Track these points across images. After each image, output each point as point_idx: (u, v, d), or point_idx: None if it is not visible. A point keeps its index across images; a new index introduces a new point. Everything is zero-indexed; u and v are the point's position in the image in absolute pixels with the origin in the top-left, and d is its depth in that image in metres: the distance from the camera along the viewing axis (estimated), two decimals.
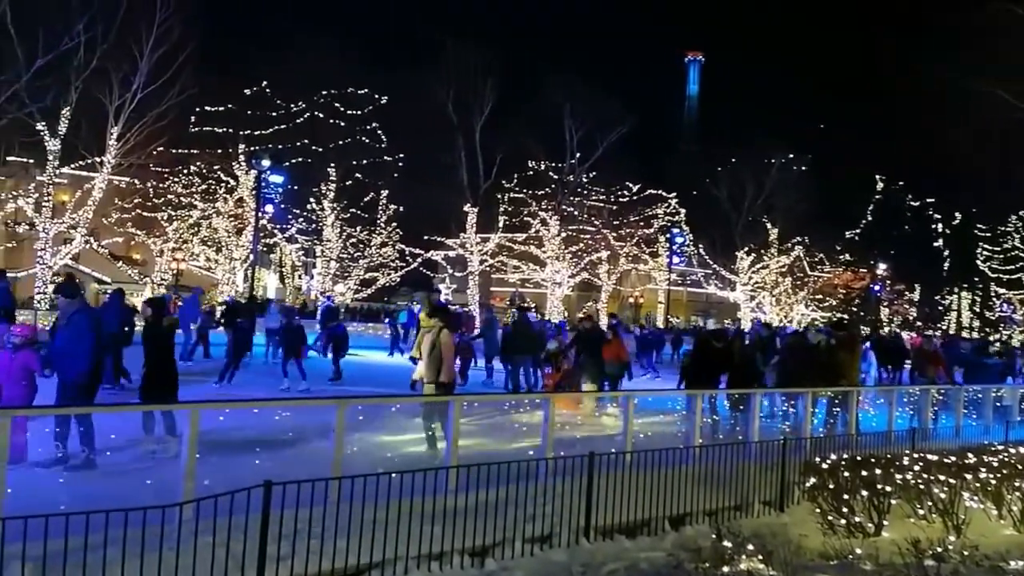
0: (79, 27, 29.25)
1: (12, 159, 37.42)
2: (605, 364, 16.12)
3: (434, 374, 10.40)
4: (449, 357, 10.56)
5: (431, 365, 10.47)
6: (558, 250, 45.89)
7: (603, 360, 16.08)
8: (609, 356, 16.24)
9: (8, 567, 4.83)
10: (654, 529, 8.39)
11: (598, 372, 16.00)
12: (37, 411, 8.33)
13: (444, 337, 10.52)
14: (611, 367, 16.28)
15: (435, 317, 10.98)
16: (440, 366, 10.37)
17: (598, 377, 15.93)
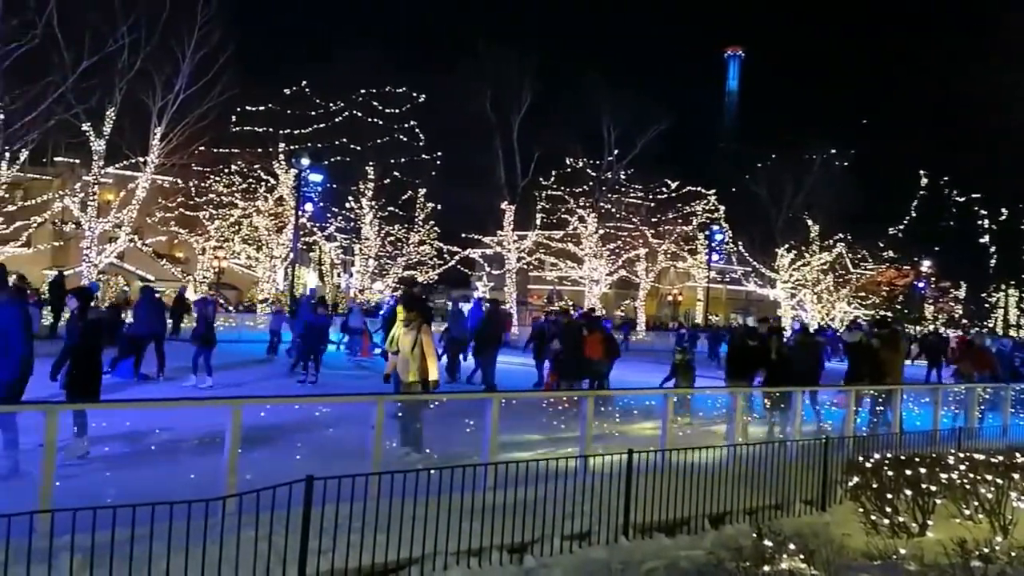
0: (123, 29, 29.76)
1: (59, 159, 38.29)
2: (591, 362, 15.33)
3: (418, 372, 10.03)
4: (433, 354, 10.18)
5: (413, 362, 10.07)
6: (596, 247, 45.78)
7: (581, 356, 15.35)
8: (590, 352, 15.47)
9: (57, 558, 4.92)
10: (694, 528, 8.32)
11: (573, 369, 15.28)
12: (109, 404, 8.49)
13: (426, 333, 10.17)
14: (595, 364, 15.44)
15: (413, 310, 10.51)
16: (423, 363, 10.01)
17: (572, 375, 15.22)
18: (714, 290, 55.91)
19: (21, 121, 28.50)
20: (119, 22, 29.62)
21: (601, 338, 15.85)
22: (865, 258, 53.60)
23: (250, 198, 40.54)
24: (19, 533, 4.86)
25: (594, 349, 15.50)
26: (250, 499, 5.82)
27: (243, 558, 5.52)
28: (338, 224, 43.93)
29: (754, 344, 13.91)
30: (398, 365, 10.32)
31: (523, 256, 46.31)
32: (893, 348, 14.39)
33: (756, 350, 13.76)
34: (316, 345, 16.74)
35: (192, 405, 9.51)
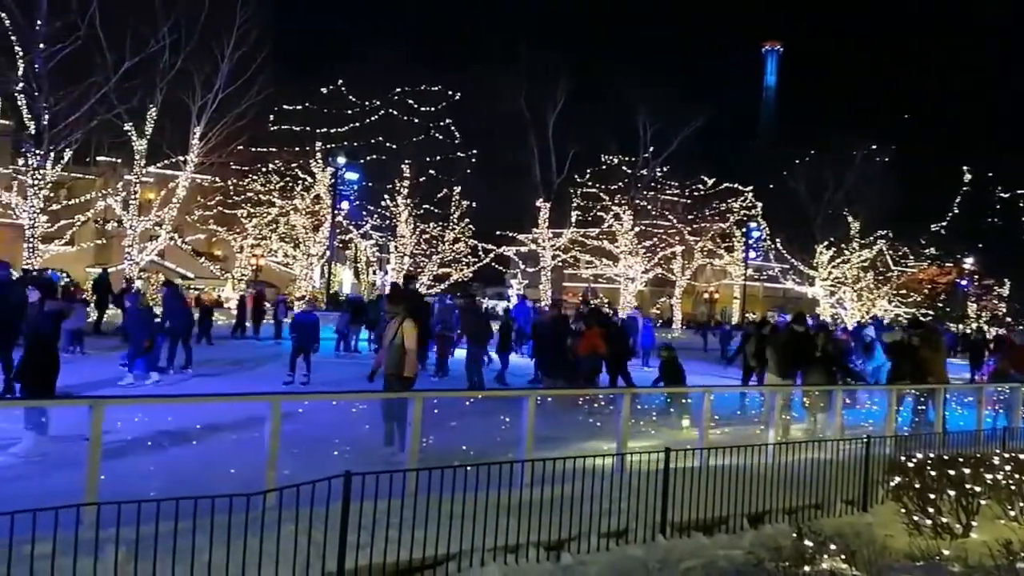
0: (163, 30, 30.20)
1: (102, 159, 38.93)
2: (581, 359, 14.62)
3: (396, 366, 9.65)
4: (412, 349, 9.76)
5: (392, 356, 9.70)
6: (631, 245, 45.59)
7: (570, 353, 14.73)
8: (582, 349, 14.70)
9: (103, 550, 5.01)
10: (732, 527, 8.26)
11: (561, 367, 14.62)
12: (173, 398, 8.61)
13: (408, 327, 9.73)
14: (585, 362, 14.64)
15: (400, 304, 10.19)
16: (402, 358, 9.62)
17: (561, 373, 14.50)
18: (751, 288, 55.44)
19: (65, 121, 29.03)
20: (160, 23, 30.07)
21: (598, 335, 14.90)
22: (906, 255, 52.73)
23: (287, 196, 40.93)
24: (66, 525, 4.95)
25: (588, 345, 14.69)
26: (289, 494, 5.88)
27: (283, 552, 5.57)
28: (374, 222, 44.18)
29: (801, 330, 13.37)
30: (384, 359, 9.97)
31: (558, 254, 46.29)
32: (933, 347, 14.14)
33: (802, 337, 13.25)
34: (307, 344, 15.67)
35: (232, 400, 9.63)
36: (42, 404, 8.73)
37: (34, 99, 28.28)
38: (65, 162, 30.76)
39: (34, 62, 27.90)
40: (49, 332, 9.39)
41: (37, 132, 28.61)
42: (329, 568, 5.80)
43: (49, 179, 29.75)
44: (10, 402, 10.34)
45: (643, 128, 44.48)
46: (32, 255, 29.26)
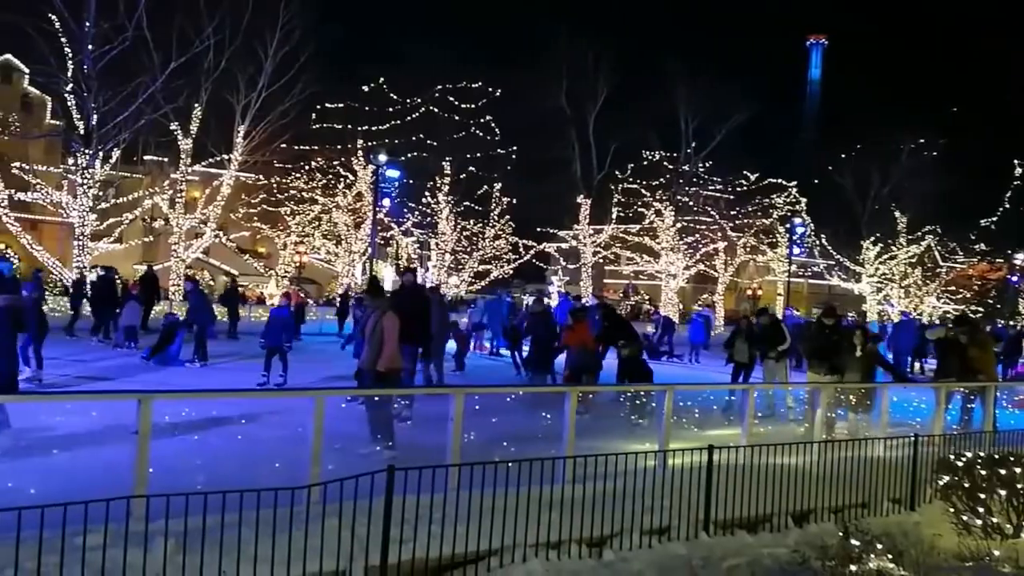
0: (208, 31, 30.65)
1: (148, 158, 39.64)
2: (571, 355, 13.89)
3: (373, 361, 9.56)
4: (391, 342, 9.54)
5: (372, 350, 9.58)
6: (673, 241, 45.26)
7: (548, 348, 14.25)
8: (572, 345, 13.98)
9: (152, 541, 5.10)
10: (776, 525, 8.18)
11: (541, 363, 14.22)
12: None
13: (387, 321, 9.56)
14: (577, 357, 13.89)
15: (379, 297, 10.08)
16: (380, 352, 9.46)
17: (543, 369, 14.16)
18: (795, 284, 54.70)
19: (113, 121, 29.61)
20: (205, 23, 30.51)
21: (587, 329, 14.15)
22: (956, 251, 51.61)
23: (330, 194, 41.32)
24: (116, 517, 5.04)
25: (575, 340, 13.94)
26: (333, 488, 5.94)
27: (327, 545, 5.63)
28: (415, 219, 44.41)
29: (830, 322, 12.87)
30: (363, 351, 9.82)
31: (599, 250, 46.12)
32: (981, 344, 13.82)
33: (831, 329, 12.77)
34: (274, 341, 14.58)
35: (277, 396, 9.75)
36: (94, 398, 8.89)
37: (83, 100, 28.89)
38: (113, 161, 31.36)
39: (83, 63, 28.50)
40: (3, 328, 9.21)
41: (86, 132, 29.22)
42: (372, 562, 5.85)
43: (98, 178, 30.35)
44: (62, 395, 10.57)
45: (685, 123, 44.12)
46: (82, 253, 29.89)
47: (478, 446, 8.13)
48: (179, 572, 4.98)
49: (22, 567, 4.64)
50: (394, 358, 9.65)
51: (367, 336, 9.73)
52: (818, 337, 12.84)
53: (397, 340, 9.66)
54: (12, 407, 9.35)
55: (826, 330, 12.79)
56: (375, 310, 9.89)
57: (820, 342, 12.70)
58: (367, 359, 9.68)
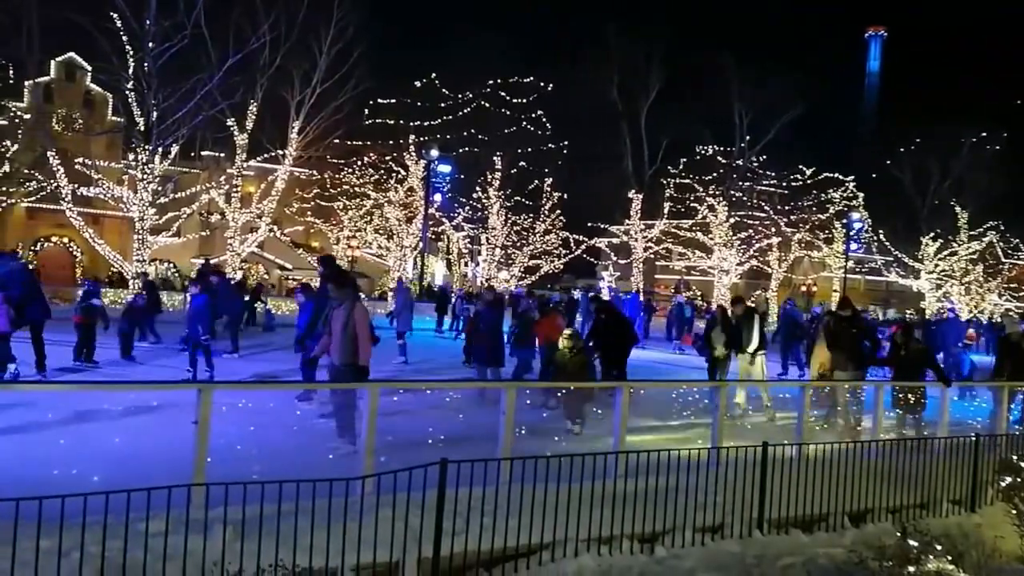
0: (264, 27, 31.08)
1: (206, 153, 40.37)
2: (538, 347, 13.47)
3: (348, 355, 9.12)
4: (365, 334, 9.16)
5: (344, 344, 9.15)
6: (726, 236, 44.76)
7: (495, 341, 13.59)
8: (538, 336, 13.59)
9: (212, 529, 5.20)
10: (832, 525, 8.05)
11: (483, 354, 13.52)
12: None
13: (359, 312, 9.21)
14: (545, 352, 13.31)
15: (346, 288, 9.60)
16: (355, 345, 9.07)
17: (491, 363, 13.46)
18: (852, 281, 53.71)
19: (172, 117, 30.21)
20: (261, 20, 30.95)
21: (556, 322, 13.68)
22: (1018, 247, 50.27)
23: (382, 189, 41.69)
24: (177, 504, 5.16)
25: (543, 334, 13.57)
26: (387, 479, 6.00)
27: (381, 536, 5.68)
28: (465, 214, 44.59)
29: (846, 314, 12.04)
30: (331, 346, 9.39)
31: (650, 245, 45.81)
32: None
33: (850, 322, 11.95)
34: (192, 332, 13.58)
35: (330, 387, 9.85)
36: (156, 388, 9.09)
37: (143, 97, 29.52)
38: (172, 157, 31.99)
39: (144, 61, 29.11)
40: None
41: (146, 128, 29.85)
42: (425, 553, 5.89)
43: (157, 173, 30.99)
44: (125, 384, 10.82)
45: (739, 117, 43.54)
46: (142, 246, 30.58)
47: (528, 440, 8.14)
48: (237, 559, 5.06)
49: (87, 551, 4.77)
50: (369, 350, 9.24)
51: (337, 330, 9.21)
52: (837, 331, 12.00)
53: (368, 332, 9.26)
54: (75, 395, 9.63)
55: (843, 323, 12.00)
56: (342, 302, 9.37)
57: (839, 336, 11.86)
58: (340, 354, 9.18)
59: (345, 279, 9.80)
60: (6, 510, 4.61)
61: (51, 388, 9.33)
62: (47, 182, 32.08)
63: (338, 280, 9.70)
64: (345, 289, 9.47)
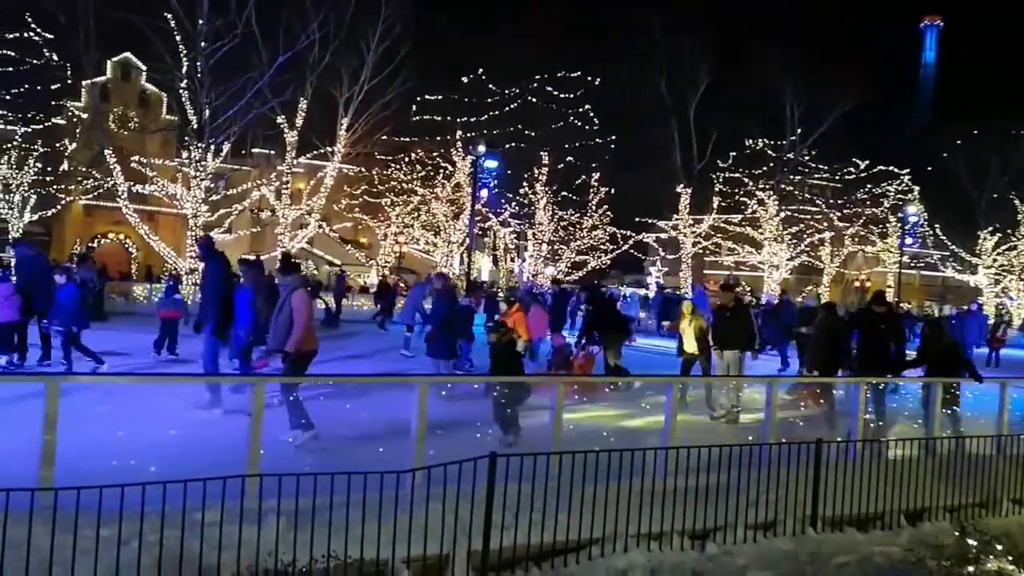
0: (313, 26, 31.42)
1: (256, 151, 40.99)
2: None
3: (279, 340, 9.10)
4: (300, 322, 9.02)
5: (277, 329, 9.12)
6: (776, 231, 44.14)
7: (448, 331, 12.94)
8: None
9: (265, 519, 5.27)
10: (888, 523, 7.89)
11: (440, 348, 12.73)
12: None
13: (296, 299, 9.10)
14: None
15: (289, 274, 9.55)
16: (288, 332, 8.98)
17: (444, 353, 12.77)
18: (906, 276, 52.66)
19: (224, 115, 30.71)
20: (310, 19, 31.29)
21: (519, 315, 12.90)
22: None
23: (429, 185, 41.90)
24: (232, 495, 5.23)
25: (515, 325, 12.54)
26: (436, 472, 6.02)
27: (431, 529, 5.70)
28: (512, 209, 44.62)
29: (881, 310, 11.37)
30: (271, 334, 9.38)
31: (699, 240, 45.38)
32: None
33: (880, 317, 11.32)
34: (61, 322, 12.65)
35: (382, 381, 9.92)
36: (218, 380, 9.24)
37: (196, 95, 30.05)
38: (224, 154, 32.51)
39: (196, 60, 29.62)
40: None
41: (199, 126, 30.40)
42: (475, 547, 5.90)
43: (210, 171, 31.53)
44: (179, 377, 11.02)
45: (790, 110, 42.86)
46: (195, 243, 31.13)
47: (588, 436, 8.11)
48: (290, 549, 5.12)
49: (145, 540, 4.86)
50: (305, 339, 9.08)
51: (274, 315, 9.22)
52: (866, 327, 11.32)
53: (309, 320, 9.17)
54: (128, 387, 9.82)
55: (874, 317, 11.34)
56: (286, 287, 9.36)
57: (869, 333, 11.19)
58: (273, 338, 9.20)
59: (289, 267, 9.76)
60: (67, 499, 4.71)
61: (115, 380, 9.54)
62: (104, 180, 32.82)
63: (283, 267, 9.76)
64: (289, 276, 9.48)
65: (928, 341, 11.36)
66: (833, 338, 12.36)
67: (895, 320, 11.61)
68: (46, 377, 6.23)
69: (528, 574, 6.08)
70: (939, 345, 11.16)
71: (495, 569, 5.95)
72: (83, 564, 4.65)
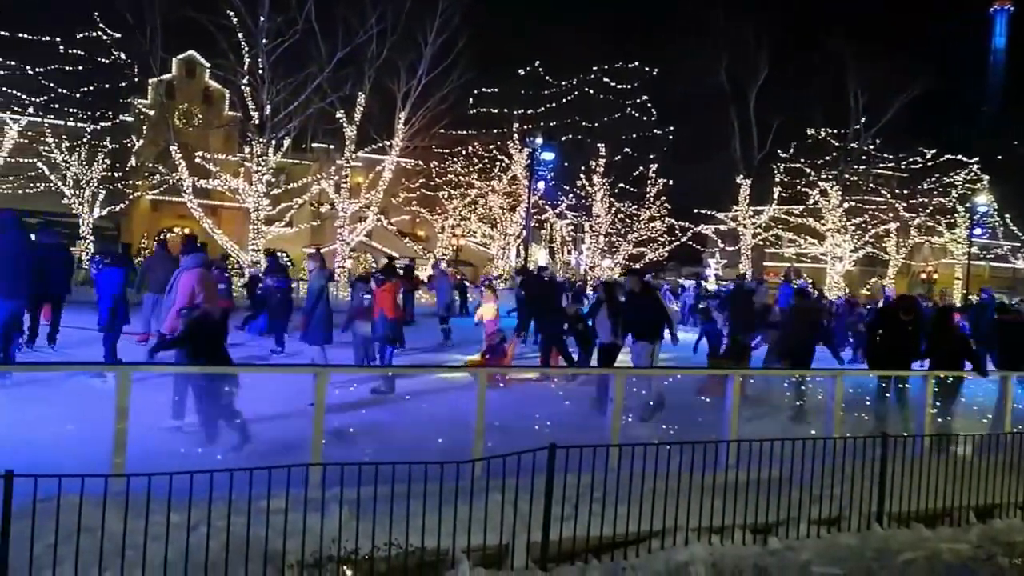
0: (371, 20, 31.68)
1: (316, 145, 41.52)
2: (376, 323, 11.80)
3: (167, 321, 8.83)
4: (180, 302, 8.50)
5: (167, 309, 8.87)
6: (839, 222, 43.22)
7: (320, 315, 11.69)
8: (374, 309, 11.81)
9: (329, 508, 5.35)
10: (957, 519, 7.70)
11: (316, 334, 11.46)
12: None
13: (183, 279, 8.74)
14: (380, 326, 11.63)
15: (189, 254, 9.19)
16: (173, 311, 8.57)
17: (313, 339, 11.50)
18: (975, 267, 51.10)
19: (285, 111, 31.19)
20: (368, 14, 31.55)
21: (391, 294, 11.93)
22: None
23: (486, 178, 41.98)
24: (296, 483, 5.33)
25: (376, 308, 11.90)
26: (496, 463, 6.04)
27: (491, 519, 5.73)
28: (569, 202, 44.47)
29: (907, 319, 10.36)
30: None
31: (759, 232, 44.68)
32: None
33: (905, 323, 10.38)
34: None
35: (445, 372, 9.99)
36: (273, 371, 9.39)
37: (258, 91, 30.58)
38: (284, 149, 33.00)
39: (258, 57, 30.12)
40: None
41: (260, 122, 30.92)
42: (535, 538, 5.91)
43: (271, 165, 32.04)
44: (244, 368, 11.22)
45: (854, 98, 41.81)
46: (256, 236, 31.69)
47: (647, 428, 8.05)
48: (353, 537, 5.20)
49: (213, 525, 4.97)
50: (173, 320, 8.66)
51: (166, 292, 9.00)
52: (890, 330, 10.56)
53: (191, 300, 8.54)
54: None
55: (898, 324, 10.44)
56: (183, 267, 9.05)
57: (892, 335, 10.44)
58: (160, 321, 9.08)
59: (189, 247, 9.48)
60: (139, 485, 4.85)
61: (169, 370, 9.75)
62: (169, 175, 33.58)
63: (184, 247, 9.58)
64: (189, 256, 9.12)
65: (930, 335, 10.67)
66: (811, 324, 12.11)
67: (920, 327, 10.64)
68: (118, 367, 6.39)
69: (588, 566, 6.07)
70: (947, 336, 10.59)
71: (555, 560, 5.96)
72: (154, 548, 4.77)
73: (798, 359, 11.48)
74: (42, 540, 4.59)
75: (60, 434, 6.99)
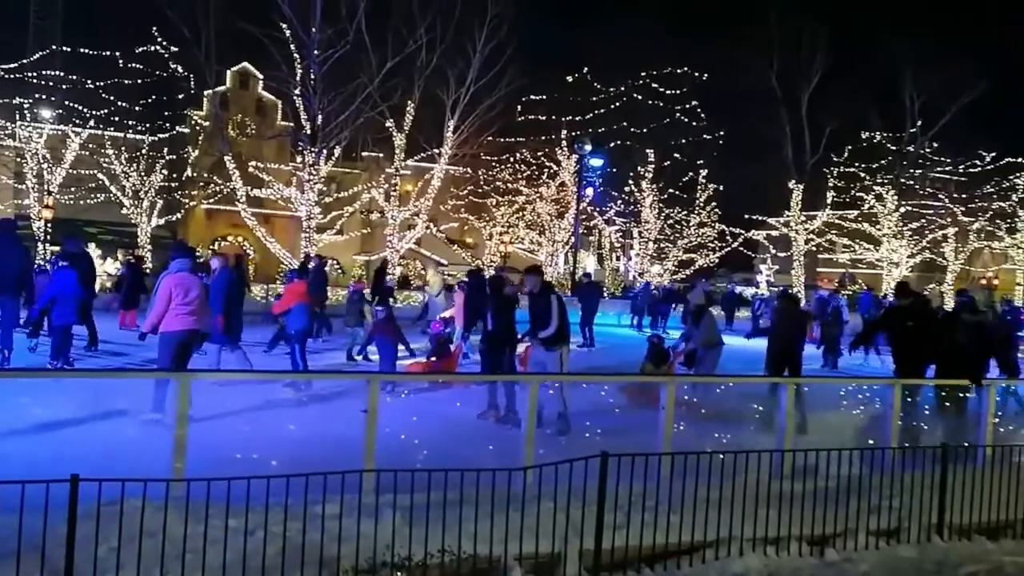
0: (421, 30, 32.01)
1: (366, 154, 42.02)
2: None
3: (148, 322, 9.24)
4: (158, 302, 9.04)
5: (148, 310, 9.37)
6: (895, 227, 42.36)
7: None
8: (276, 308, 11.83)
9: (382, 513, 5.39)
10: (1021, 532, 7.49)
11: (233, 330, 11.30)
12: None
13: (163, 282, 9.21)
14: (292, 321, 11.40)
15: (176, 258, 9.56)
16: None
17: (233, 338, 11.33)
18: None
19: (336, 120, 31.63)
20: (417, 23, 31.86)
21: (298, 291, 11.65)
22: None
23: (534, 185, 42.01)
24: (350, 489, 5.37)
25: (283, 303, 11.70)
26: (547, 471, 6.03)
27: (543, 527, 5.72)
28: (617, 208, 44.29)
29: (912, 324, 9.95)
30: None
31: (812, 237, 43.99)
32: None
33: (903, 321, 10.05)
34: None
35: (493, 380, 10.00)
36: (326, 376, 9.51)
37: (310, 102, 31.08)
38: (335, 158, 33.43)
39: (310, 68, 30.60)
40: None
41: (312, 131, 31.42)
42: (587, 546, 5.88)
43: (322, 174, 32.49)
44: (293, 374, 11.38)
45: (910, 100, 40.98)
46: (308, 244, 32.14)
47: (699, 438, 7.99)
48: (406, 543, 5.23)
49: (270, 531, 5.05)
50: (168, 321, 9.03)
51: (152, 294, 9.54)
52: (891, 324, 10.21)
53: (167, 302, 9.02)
54: (253, 384, 10.19)
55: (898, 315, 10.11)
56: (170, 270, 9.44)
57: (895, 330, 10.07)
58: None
59: (179, 251, 9.87)
60: (198, 490, 4.94)
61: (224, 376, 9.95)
62: (224, 185, 34.21)
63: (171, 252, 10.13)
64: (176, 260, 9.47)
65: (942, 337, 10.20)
66: (797, 326, 12.05)
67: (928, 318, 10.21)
68: (179, 375, 6.53)
69: (640, 575, 6.03)
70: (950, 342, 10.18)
71: (607, 569, 5.93)
72: (213, 552, 4.86)
73: (787, 361, 11.41)
74: (106, 543, 4.70)
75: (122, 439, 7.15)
